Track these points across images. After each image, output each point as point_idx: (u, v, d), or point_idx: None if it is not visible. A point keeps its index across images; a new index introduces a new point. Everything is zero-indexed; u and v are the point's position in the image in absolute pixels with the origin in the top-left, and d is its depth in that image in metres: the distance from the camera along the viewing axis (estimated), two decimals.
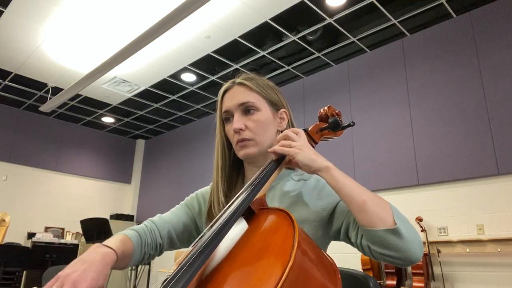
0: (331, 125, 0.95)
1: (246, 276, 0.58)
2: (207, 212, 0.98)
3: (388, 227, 0.72)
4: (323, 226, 0.88)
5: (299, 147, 0.81)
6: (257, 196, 0.76)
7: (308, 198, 0.91)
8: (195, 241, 0.71)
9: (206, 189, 1.08)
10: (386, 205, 0.76)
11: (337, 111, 1.00)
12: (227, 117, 0.98)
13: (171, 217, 1.03)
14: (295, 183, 0.96)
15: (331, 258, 0.66)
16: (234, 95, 0.97)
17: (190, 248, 0.67)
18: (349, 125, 0.95)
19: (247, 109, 0.95)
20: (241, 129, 0.93)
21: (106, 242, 0.81)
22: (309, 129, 0.95)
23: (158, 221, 1.01)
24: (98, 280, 0.69)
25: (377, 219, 0.73)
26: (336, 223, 0.87)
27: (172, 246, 1.03)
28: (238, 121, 0.94)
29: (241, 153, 0.95)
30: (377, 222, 0.73)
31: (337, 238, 0.90)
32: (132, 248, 0.87)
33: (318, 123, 0.98)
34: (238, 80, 1.00)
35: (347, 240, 0.86)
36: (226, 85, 1.01)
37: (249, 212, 0.73)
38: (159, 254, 1.01)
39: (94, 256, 0.73)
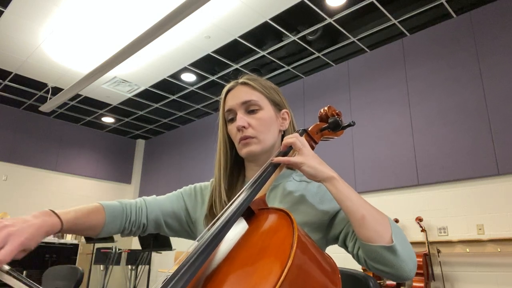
0: (331, 125, 0.95)
1: (246, 276, 0.58)
2: (208, 211, 0.98)
3: (384, 244, 0.72)
4: (322, 229, 0.89)
5: (305, 156, 0.81)
6: (257, 196, 0.76)
7: (310, 200, 0.91)
8: (195, 241, 0.71)
9: (206, 185, 1.08)
10: (385, 221, 0.76)
11: (337, 111, 1.00)
12: (231, 117, 0.98)
13: (164, 202, 1.03)
14: (298, 184, 0.96)
15: (330, 258, 0.66)
16: (237, 94, 0.98)
17: (190, 248, 0.67)
18: (349, 125, 0.95)
19: (250, 108, 0.96)
20: (244, 127, 0.93)
21: (64, 210, 0.83)
22: (309, 129, 0.95)
23: (150, 202, 1.01)
24: (31, 241, 0.72)
25: (374, 235, 0.73)
26: (335, 229, 0.87)
27: (158, 230, 1.03)
28: (241, 118, 0.94)
29: (243, 151, 0.95)
30: (375, 238, 0.73)
31: (334, 243, 0.91)
32: (103, 220, 0.90)
33: (318, 123, 0.98)
34: (241, 80, 1.01)
35: (344, 247, 0.86)
36: (229, 85, 1.02)
37: (249, 212, 0.73)
38: (143, 234, 1.01)
39: (35, 220, 0.76)
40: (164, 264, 6.35)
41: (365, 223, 0.74)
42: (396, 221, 3.83)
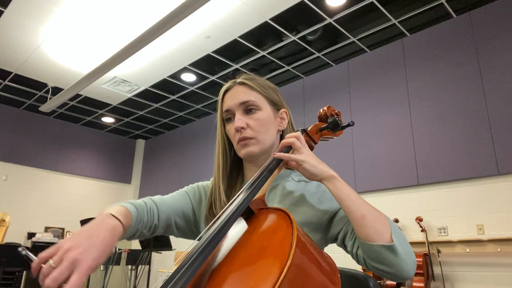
0: (331, 125, 0.95)
1: (245, 275, 0.58)
2: (208, 211, 0.97)
3: (385, 243, 0.73)
4: (321, 229, 0.89)
5: (305, 155, 0.81)
6: (256, 196, 0.76)
7: (309, 200, 0.91)
8: (194, 242, 0.71)
9: (207, 183, 1.06)
10: (385, 221, 0.77)
11: (336, 111, 1.00)
12: (228, 117, 0.98)
13: (172, 201, 0.98)
14: (296, 183, 0.95)
15: (330, 258, 0.66)
16: (235, 95, 0.97)
17: (189, 248, 0.67)
18: (348, 125, 0.95)
19: (248, 108, 0.95)
20: (242, 128, 0.93)
21: (114, 212, 0.75)
22: (309, 129, 0.95)
23: (160, 202, 0.95)
24: (100, 259, 0.63)
25: (374, 234, 0.74)
26: (334, 229, 0.87)
27: (167, 231, 0.98)
28: (239, 119, 0.93)
29: (242, 152, 0.94)
30: (375, 237, 0.74)
31: (333, 242, 0.91)
32: (130, 225, 0.81)
33: (317, 123, 0.98)
34: (239, 80, 1.00)
35: (343, 247, 0.86)
36: (227, 85, 1.01)
37: (248, 212, 0.73)
38: (151, 235, 0.94)
39: (102, 229, 0.68)
40: (164, 264, 6.35)
41: (365, 222, 0.74)
42: (396, 221, 3.83)
